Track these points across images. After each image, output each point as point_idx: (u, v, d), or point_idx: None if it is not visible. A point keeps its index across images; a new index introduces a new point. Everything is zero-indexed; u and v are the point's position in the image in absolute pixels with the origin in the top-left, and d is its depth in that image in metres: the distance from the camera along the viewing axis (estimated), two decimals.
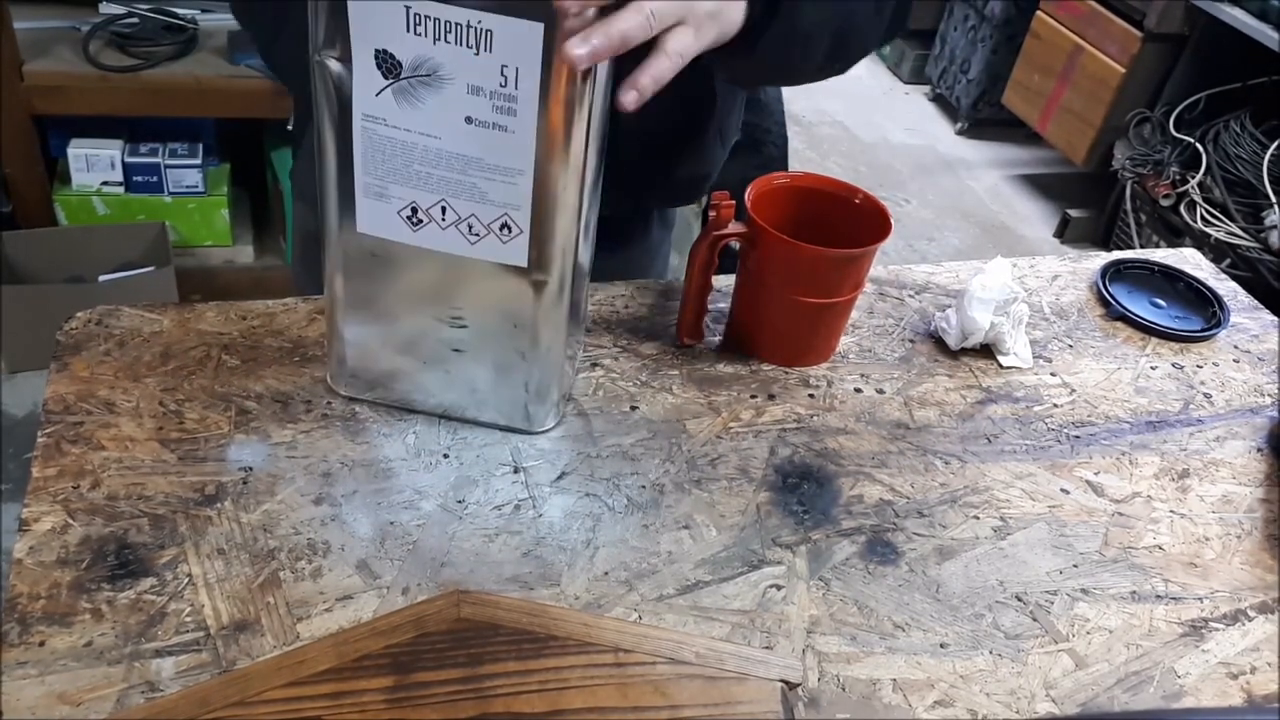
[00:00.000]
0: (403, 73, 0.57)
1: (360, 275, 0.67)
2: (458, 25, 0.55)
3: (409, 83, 0.58)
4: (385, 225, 0.64)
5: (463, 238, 0.64)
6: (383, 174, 0.62)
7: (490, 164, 0.60)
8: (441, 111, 0.58)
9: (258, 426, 0.70)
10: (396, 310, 0.68)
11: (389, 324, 0.69)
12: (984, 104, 3.41)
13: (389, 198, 0.62)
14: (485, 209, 0.62)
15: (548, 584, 0.63)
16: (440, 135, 0.59)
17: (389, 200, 0.63)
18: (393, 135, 0.60)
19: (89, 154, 1.95)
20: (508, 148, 0.59)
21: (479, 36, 0.55)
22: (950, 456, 0.76)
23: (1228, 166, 2.45)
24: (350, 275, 0.67)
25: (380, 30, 0.56)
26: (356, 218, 0.64)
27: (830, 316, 0.81)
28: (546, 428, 0.73)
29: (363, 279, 0.67)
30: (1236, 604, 0.68)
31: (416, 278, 0.66)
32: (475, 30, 0.55)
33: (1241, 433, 0.83)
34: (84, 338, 0.75)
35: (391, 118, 0.59)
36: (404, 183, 0.62)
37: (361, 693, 0.51)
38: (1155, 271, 1.01)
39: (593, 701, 0.51)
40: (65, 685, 0.54)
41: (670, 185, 0.92)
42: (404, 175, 0.61)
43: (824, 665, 0.60)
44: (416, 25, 0.55)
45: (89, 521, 0.62)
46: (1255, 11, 2.42)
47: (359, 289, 0.68)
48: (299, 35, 0.58)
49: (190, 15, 2.00)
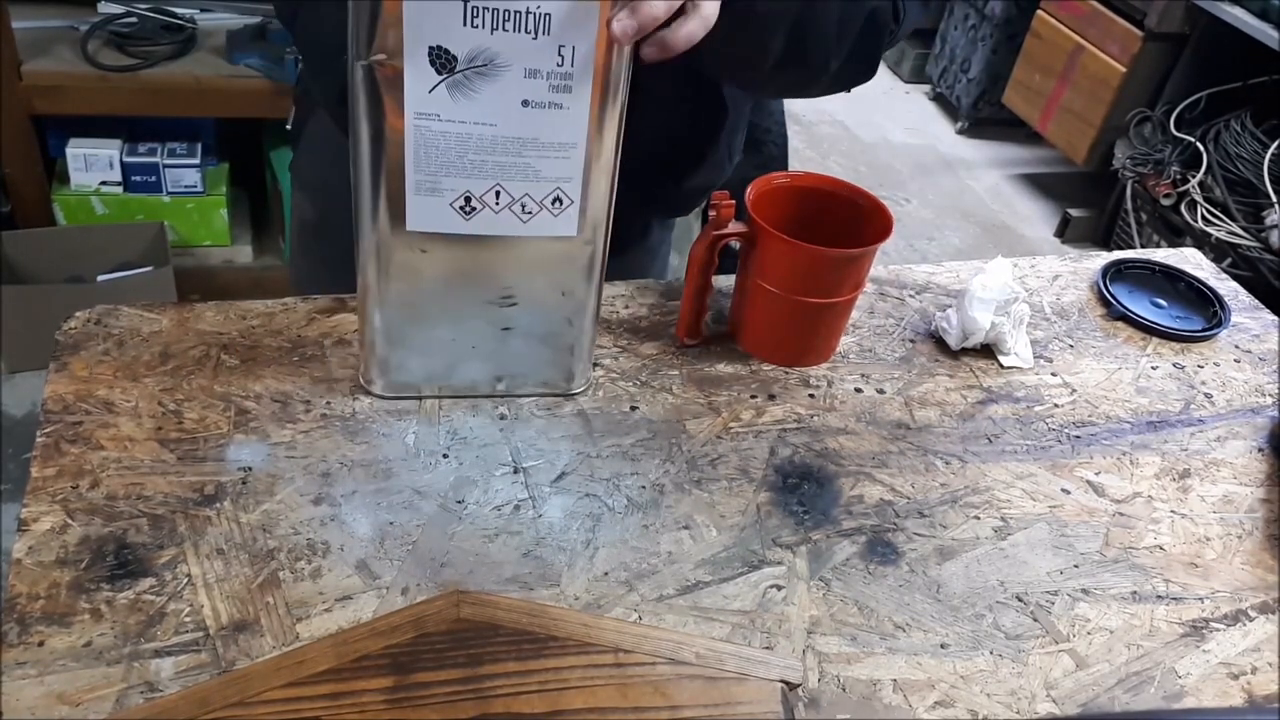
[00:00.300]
0: (458, 66, 0.58)
1: (406, 274, 0.67)
2: (516, 13, 0.57)
3: (464, 75, 0.58)
4: (437, 219, 0.64)
5: (515, 218, 0.65)
6: (435, 169, 0.62)
7: (545, 141, 0.62)
8: (497, 99, 0.60)
9: (257, 426, 0.70)
10: (446, 302, 0.69)
11: (437, 317, 0.70)
12: (984, 103, 3.40)
13: (441, 191, 0.63)
14: (538, 186, 0.64)
15: (547, 584, 0.63)
16: (496, 122, 0.61)
17: (441, 194, 0.63)
18: (446, 130, 0.60)
19: (88, 154, 1.94)
20: (563, 123, 0.61)
21: (537, 21, 0.57)
22: (951, 456, 0.76)
23: (1228, 166, 2.45)
24: (394, 276, 0.67)
25: (436, 27, 0.57)
26: (407, 216, 0.64)
27: (830, 316, 0.81)
28: (583, 387, 0.76)
29: (408, 277, 0.67)
30: (1237, 604, 0.68)
31: (466, 266, 0.67)
32: (534, 15, 0.57)
33: (1242, 433, 0.83)
34: (83, 337, 0.75)
35: (445, 112, 0.60)
36: (457, 174, 0.62)
37: (361, 693, 0.51)
38: (1156, 271, 1.01)
39: (593, 702, 0.51)
40: (64, 685, 0.53)
41: (679, 197, 0.93)
42: (457, 167, 0.62)
43: (824, 665, 0.60)
44: (474, 18, 0.56)
45: (88, 521, 0.62)
46: (1256, 11, 2.42)
47: (403, 289, 0.68)
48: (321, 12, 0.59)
49: (189, 15, 1.99)
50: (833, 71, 0.75)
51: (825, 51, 0.73)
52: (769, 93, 0.86)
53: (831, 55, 0.74)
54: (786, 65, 0.73)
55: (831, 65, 0.75)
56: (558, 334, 0.72)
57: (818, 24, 0.71)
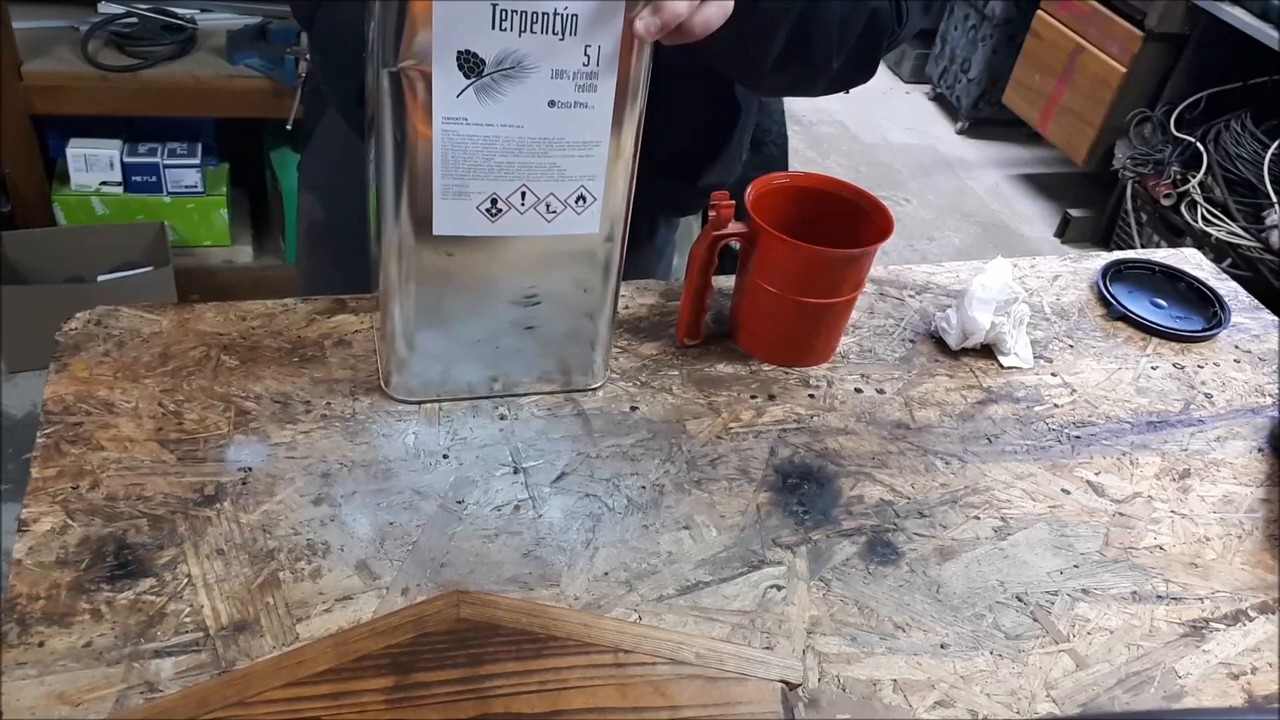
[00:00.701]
0: (485, 70, 0.58)
1: (430, 278, 0.67)
2: (544, 15, 0.57)
3: (491, 78, 0.59)
4: (463, 222, 0.65)
5: (540, 218, 0.65)
6: (462, 173, 0.62)
7: (570, 141, 0.62)
8: (524, 100, 0.60)
9: (257, 427, 0.70)
10: (470, 305, 0.69)
11: (461, 321, 0.70)
12: (984, 103, 3.40)
13: (468, 195, 0.63)
14: (563, 185, 0.64)
15: (547, 584, 0.63)
16: (523, 124, 0.61)
17: (468, 197, 0.63)
18: (474, 133, 0.61)
19: (88, 154, 1.94)
20: (588, 122, 0.62)
21: (565, 23, 0.57)
22: (951, 457, 0.76)
23: (1228, 166, 2.45)
24: (418, 280, 0.67)
25: (465, 31, 0.57)
26: (434, 221, 0.64)
27: (830, 316, 0.81)
28: (603, 381, 0.77)
29: (433, 281, 0.67)
30: (1237, 604, 0.68)
31: (491, 267, 0.68)
32: (561, 17, 0.57)
33: (1242, 433, 0.83)
34: (83, 339, 0.75)
35: (473, 115, 0.60)
36: (484, 176, 0.63)
37: (361, 693, 0.51)
38: (1156, 271, 1.01)
39: (593, 702, 0.51)
40: (64, 685, 0.53)
41: (693, 195, 0.93)
42: (484, 169, 0.62)
43: (824, 666, 0.60)
44: (502, 21, 0.57)
45: (88, 522, 0.62)
46: (1256, 11, 2.42)
47: (427, 292, 0.68)
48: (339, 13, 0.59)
49: (189, 15, 1.99)
50: (834, 71, 0.76)
51: (827, 50, 0.74)
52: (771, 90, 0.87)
53: (833, 54, 0.74)
54: (788, 62, 0.73)
55: (833, 64, 0.75)
56: (579, 330, 0.73)
57: (820, 22, 0.72)
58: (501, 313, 0.70)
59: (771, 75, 0.76)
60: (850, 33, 0.74)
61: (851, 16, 0.73)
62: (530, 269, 0.69)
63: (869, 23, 0.74)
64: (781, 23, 0.70)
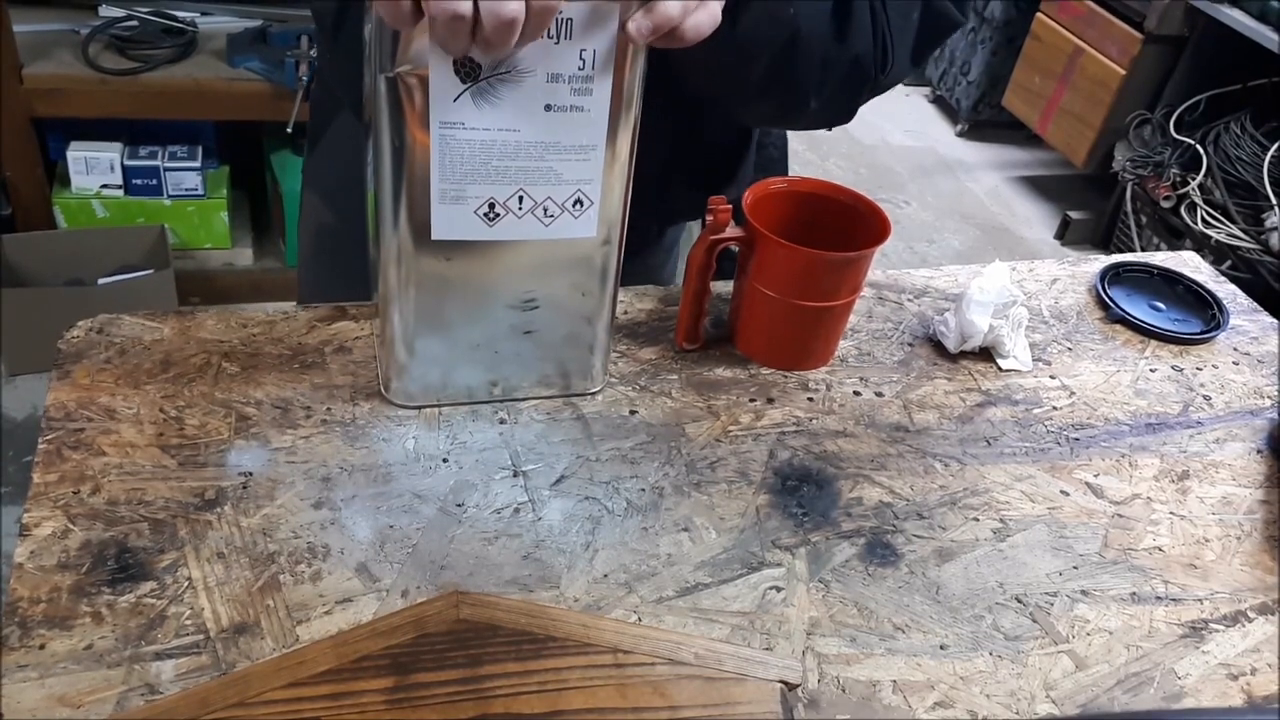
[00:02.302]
0: (482, 74, 0.58)
1: (429, 283, 0.67)
2: None
3: (488, 83, 0.59)
4: (461, 227, 0.65)
5: (538, 222, 0.65)
6: (460, 177, 0.62)
7: (566, 144, 0.62)
8: (521, 104, 0.60)
9: (257, 432, 0.70)
10: (469, 310, 0.69)
11: (460, 326, 0.70)
12: (984, 106, 3.41)
13: (466, 199, 0.63)
14: (560, 189, 0.64)
15: (547, 586, 0.63)
16: (519, 128, 0.61)
17: (466, 202, 0.63)
18: (471, 138, 0.61)
19: (88, 157, 1.95)
20: (584, 125, 0.62)
21: (560, 26, 0.57)
22: (950, 459, 0.76)
23: (1228, 168, 2.45)
24: (417, 285, 0.67)
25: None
26: (432, 226, 0.64)
27: (829, 320, 0.81)
28: (602, 385, 0.77)
29: (432, 286, 0.68)
30: (1236, 605, 0.68)
31: (489, 272, 0.68)
32: (557, 20, 0.57)
33: (1241, 435, 0.83)
34: (85, 346, 0.75)
35: (470, 120, 0.60)
36: (481, 181, 0.63)
37: (361, 694, 0.51)
38: (1154, 274, 1.01)
39: (592, 702, 0.51)
40: (65, 688, 0.54)
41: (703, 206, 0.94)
42: (481, 174, 0.62)
43: (824, 666, 0.60)
44: None
45: (89, 526, 0.62)
46: (1255, 13, 2.42)
47: (426, 297, 0.68)
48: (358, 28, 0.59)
49: (189, 18, 2.00)
50: (812, 109, 0.76)
51: (805, 88, 0.74)
52: (754, 117, 0.88)
53: (811, 93, 0.75)
54: (768, 92, 0.74)
55: (811, 103, 0.75)
56: (578, 335, 0.73)
57: (800, 58, 0.72)
58: (500, 317, 0.71)
59: (753, 103, 0.77)
60: (830, 75, 0.74)
61: (833, 59, 0.73)
62: (528, 274, 0.69)
63: (850, 69, 0.74)
64: (761, 52, 0.70)
